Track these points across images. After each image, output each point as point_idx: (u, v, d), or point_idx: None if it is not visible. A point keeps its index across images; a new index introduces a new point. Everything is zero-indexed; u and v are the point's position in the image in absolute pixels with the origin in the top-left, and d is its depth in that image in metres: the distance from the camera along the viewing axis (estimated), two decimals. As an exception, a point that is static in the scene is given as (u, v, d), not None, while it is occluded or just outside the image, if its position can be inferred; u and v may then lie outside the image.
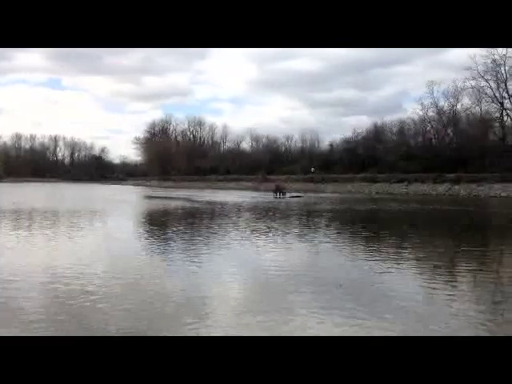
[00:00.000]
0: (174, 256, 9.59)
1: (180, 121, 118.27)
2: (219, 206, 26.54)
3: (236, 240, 11.94)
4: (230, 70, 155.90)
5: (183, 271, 8.09)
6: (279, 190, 38.91)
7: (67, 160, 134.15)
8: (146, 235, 13.82)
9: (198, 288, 6.86)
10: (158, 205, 27.84)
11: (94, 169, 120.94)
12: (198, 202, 30.93)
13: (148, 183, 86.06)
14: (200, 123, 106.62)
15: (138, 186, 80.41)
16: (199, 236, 12.82)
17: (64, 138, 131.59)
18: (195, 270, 8.15)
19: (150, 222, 18.62)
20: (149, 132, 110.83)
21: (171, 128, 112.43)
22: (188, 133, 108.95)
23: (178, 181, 79.52)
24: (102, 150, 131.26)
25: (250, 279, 7.74)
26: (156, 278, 7.52)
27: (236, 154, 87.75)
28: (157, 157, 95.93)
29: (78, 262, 8.73)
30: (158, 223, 17.60)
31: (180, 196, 39.06)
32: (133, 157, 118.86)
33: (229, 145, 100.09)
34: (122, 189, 63.52)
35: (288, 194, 38.27)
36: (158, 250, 10.39)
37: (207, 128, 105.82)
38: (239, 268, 8.58)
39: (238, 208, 25.51)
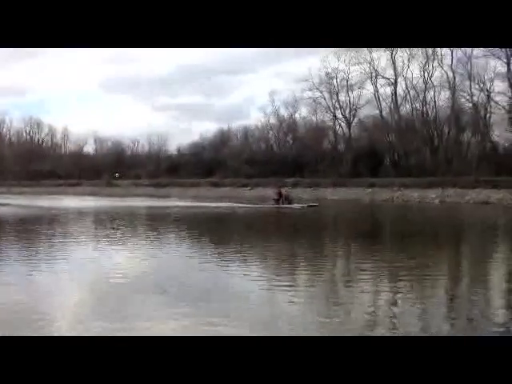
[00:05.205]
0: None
1: (16, 120, 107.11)
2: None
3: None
4: (74, 69, 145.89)
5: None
6: (284, 198, 30.27)
7: None
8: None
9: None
10: None
11: None
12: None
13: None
14: (38, 124, 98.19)
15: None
16: None
17: None
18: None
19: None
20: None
21: (5, 128, 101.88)
22: (24, 134, 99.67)
23: (10, 186, 71.95)
24: None
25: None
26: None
27: (78, 157, 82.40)
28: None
29: None
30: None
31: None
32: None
33: (71, 147, 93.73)
34: None
35: (297, 204, 29.45)
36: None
37: (47, 129, 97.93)
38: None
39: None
